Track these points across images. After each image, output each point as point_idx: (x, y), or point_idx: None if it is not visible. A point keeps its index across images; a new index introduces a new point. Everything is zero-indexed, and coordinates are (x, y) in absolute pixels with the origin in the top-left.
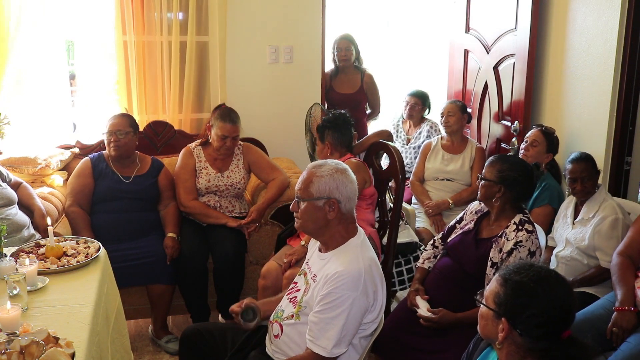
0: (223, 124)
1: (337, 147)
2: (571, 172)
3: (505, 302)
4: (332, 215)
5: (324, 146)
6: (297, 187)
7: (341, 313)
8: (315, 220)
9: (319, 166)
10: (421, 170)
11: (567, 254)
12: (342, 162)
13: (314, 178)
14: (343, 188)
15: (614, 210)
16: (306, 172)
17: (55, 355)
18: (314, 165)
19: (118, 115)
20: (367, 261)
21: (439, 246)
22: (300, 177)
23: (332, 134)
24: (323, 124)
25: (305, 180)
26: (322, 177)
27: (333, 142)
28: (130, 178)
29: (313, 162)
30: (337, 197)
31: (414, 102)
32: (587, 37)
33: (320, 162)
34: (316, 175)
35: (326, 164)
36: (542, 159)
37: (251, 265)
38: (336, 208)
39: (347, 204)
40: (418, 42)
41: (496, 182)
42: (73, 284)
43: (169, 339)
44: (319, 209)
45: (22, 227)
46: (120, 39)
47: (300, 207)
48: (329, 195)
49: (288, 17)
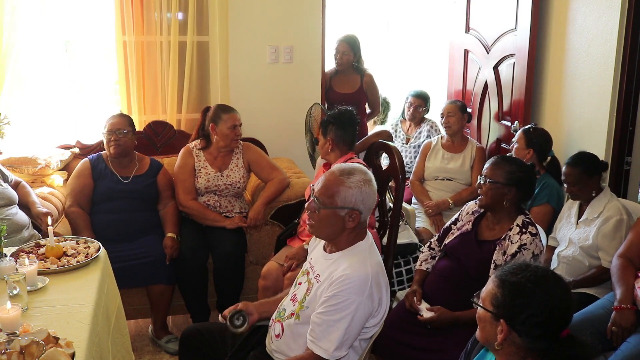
0: (229, 114)
1: (338, 144)
2: (562, 174)
3: (503, 303)
4: (351, 224)
5: (325, 141)
6: (320, 191)
7: (345, 316)
8: (332, 227)
9: (348, 174)
10: (421, 170)
11: (569, 253)
12: (368, 171)
13: (341, 187)
14: (367, 200)
15: (619, 211)
16: (332, 177)
17: (55, 355)
18: (342, 172)
19: (117, 115)
20: (374, 266)
21: (435, 248)
22: (324, 181)
23: (335, 131)
24: (327, 118)
25: (330, 187)
26: (351, 188)
27: (335, 139)
28: (129, 178)
29: (340, 166)
30: (361, 209)
31: (418, 103)
32: (587, 37)
33: (348, 168)
34: (344, 185)
35: (355, 173)
36: (523, 155)
37: (251, 265)
38: (357, 219)
39: (367, 214)
40: (418, 42)
41: (505, 184)
42: (73, 284)
43: (169, 339)
44: (339, 217)
45: (23, 227)
46: (120, 39)
47: (319, 212)
48: (353, 206)
49: (288, 17)
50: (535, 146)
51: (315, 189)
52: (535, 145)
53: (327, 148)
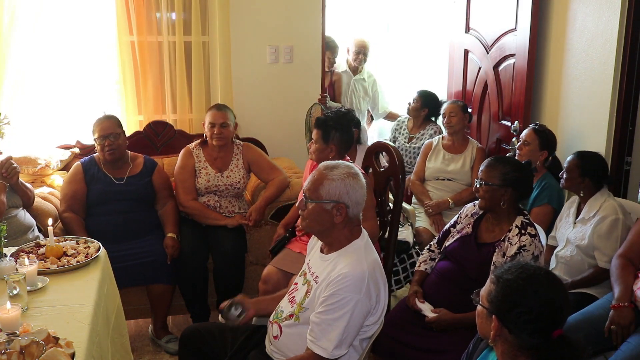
0: (211, 112)
1: (341, 151)
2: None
3: (495, 299)
4: (339, 219)
5: (326, 147)
6: (306, 186)
7: (344, 315)
8: (321, 222)
9: (331, 168)
10: (422, 170)
11: (567, 254)
12: (354, 165)
13: (324, 180)
14: (353, 193)
15: (615, 211)
16: (317, 172)
17: (55, 355)
18: (326, 167)
19: (103, 119)
20: (371, 263)
21: (435, 250)
22: (310, 177)
23: (340, 137)
24: (328, 122)
25: (315, 181)
26: (334, 180)
27: (339, 146)
28: (124, 179)
29: (325, 162)
30: (346, 202)
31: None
32: (587, 37)
33: (332, 163)
34: (327, 177)
35: (339, 167)
36: (537, 156)
37: (251, 265)
38: (344, 213)
39: (355, 208)
40: (418, 43)
41: (501, 186)
42: (73, 284)
43: (169, 339)
44: (326, 211)
45: (28, 229)
46: (121, 39)
47: (307, 207)
48: (338, 199)
49: (288, 17)
50: (549, 147)
51: (304, 186)
52: (549, 147)
53: (328, 154)
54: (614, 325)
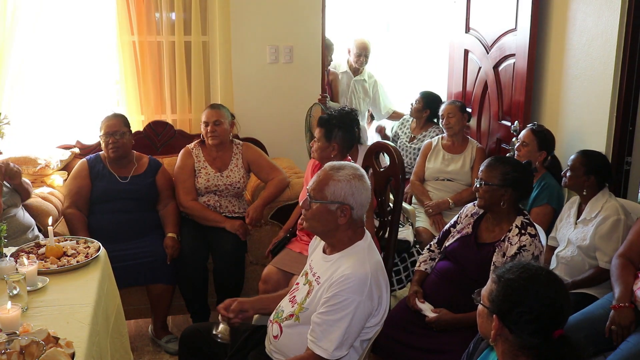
0: (205, 111)
1: (343, 150)
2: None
3: (496, 299)
4: (343, 220)
5: (329, 145)
6: (311, 186)
7: (345, 316)
8: (325, 223)
9: (337, 169)
10: (421, 170)
11: (568, 254)
12: (359, 168)
13: (330, 181)
14: (358, 195)
15: (616, 211)
16: (323, 172)
17: (55, 355)
18: (332, 167)
19: (111, 116)
20: (373, 265)
21: (435, 250)
22: (315, 177)
23: (343, 136)
24: (331, 120)
25: (320, 181)
26: (339, 181)
27: (341, 145)
28: (128, 178)
29: (331, 162)
30: (351, 204)
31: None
32: (587, 37)
33: (338, 164)
34: (333, 178)
35: (345, 168)
36: (535, 157)
37: (251, 265)
38: (348, 214)
39: (359, 210)
40: (418, 43)
41: (501, 186)
42: (73, 284)
43: (169, 339)
44: (330, 212)
45: (27, 228)
46: (121, 39)
47: (312, 207)
48: (343, 200)
49: (288, 17)
50: (548, 147)
51: (309, 185)
52: (547, 147)
53: (330, 153)
54: (614, 326)
